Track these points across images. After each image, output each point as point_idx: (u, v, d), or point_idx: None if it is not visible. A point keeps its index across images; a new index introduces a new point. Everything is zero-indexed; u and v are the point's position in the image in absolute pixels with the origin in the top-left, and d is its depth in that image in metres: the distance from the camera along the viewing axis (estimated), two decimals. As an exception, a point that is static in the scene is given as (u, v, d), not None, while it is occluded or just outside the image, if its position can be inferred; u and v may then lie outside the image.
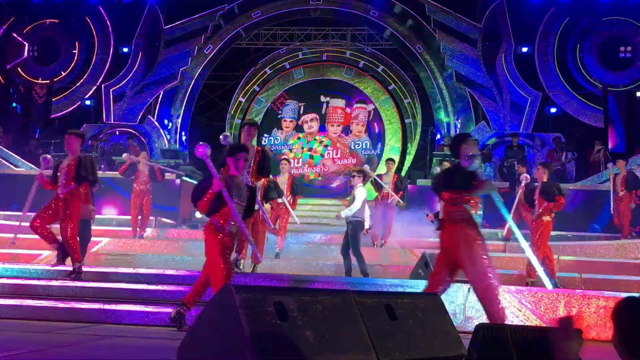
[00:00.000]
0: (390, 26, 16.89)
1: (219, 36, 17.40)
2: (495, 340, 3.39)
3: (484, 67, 16.35)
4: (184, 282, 7.21)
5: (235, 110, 17.95)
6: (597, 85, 15.96)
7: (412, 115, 17.51)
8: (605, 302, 6.38)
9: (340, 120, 17.53)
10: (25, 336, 5.12)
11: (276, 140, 17.60)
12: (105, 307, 6.21)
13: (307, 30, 17.88)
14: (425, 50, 16.75)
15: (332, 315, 2.79)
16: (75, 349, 4.56)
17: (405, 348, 3.02)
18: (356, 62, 18.01)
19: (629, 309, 2.09)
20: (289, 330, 2.55)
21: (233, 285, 2.52)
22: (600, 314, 6.29)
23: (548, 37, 16.24)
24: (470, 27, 16.56)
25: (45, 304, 6.31)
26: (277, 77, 18.17)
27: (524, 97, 15.99)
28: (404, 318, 3.12)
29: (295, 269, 8.85)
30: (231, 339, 2.44)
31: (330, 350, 2.68)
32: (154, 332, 5.64)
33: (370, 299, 3.06)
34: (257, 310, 2.47)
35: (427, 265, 6.90)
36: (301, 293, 2.76)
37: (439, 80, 16.68)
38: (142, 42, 17.34)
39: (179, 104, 17.32)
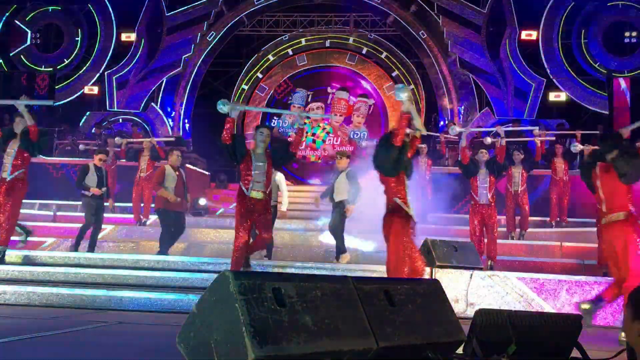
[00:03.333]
0: (394, 12, 16.80)
1: (221, 23, 17.35)
2: (494, 325, 3.40)
3: (487, 53, 16.26)
4: (186, 268, 7.26)
5: (238, 98, 17.92)
6: (602, 71, 15.86)
7: (416, 102, 17.44)
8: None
9: (343, 111, 17.74)
10: (30, 322, 5.17)
11: (284, 123, 17.81)
12: (109, 293, 6.26)
13: (310, 16, 17.79)
14: (428, 36, 16.67)
15: (331, 300, 2.79)
16: (79, 334, 4.60)
17: (404, 333, 3.03)
18: (359, 49, 17.94)
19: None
20: (288, 315, 2.56)
21: (231, 271, 2.53)
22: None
23: (552, 22, 16.12)
24: (474, 12, 16.45)
25: (50, 290, 6.36)
26: (280, 64, 18.13)
27: (528, 83, 15.91)
28: (403, 304, 3.13)
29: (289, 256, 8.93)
30: (229, 324, 2.45)
31: (330, 335, 2.69)
32: (157, 318, 5.68)
33: (369, 284, 3.06)
34: (255, 296, 2.48)
35: (429, 251, 6.89)
36: (300, 279, 2.76)
37: (443, 66, 16.62)
38: (145, 29, 17.31)
39: (182, 91, 17.32)
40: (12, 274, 6.96)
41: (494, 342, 3.36)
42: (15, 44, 17.73)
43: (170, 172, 8.51)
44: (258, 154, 6.47)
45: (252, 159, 6.40)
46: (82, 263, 7.32)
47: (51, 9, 17.84)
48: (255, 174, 6.35)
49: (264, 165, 6.42)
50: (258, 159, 6.42)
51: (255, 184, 6.35)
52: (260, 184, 6.37)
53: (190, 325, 2.63)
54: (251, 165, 6.36)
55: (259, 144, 6.53)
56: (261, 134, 6.55)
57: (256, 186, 6.35)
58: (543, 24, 16.12)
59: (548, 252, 9.34)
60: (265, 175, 6.42)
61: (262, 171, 6.39)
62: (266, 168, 6.44)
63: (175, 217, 8.43)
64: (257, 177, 6.36)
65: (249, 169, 6.35)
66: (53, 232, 10.09)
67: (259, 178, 6.37)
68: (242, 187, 6.39)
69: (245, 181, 6.38)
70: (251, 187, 6.34)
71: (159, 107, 17.04)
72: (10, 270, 7.02)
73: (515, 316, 3.48)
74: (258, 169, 6.37)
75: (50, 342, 4.19)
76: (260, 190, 6.37)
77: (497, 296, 6.45)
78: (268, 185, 6.46)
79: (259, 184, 6.36)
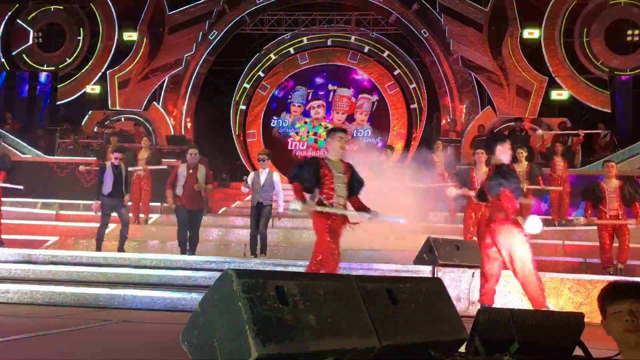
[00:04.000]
0: (396, 11, 16.79)
1: (223, 22, 17.35)
2: (496, 324, 3.41)
3: (489, 51, 16.24)
4: (189, 267, 7.27)
5: (240, 97, 17.93)
6: (604, 70, 15.83)
7: (418, 101, 17.45)
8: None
9: (345, 109, 17.65)
10: (33, 321, 5.18)
11: (284, 123, 17.72)
12: (112, 292, 6.27)
13: (311, 15, 17.78)
14: (430, 34, 16.65)
15: (334, 299, 2.80)
16: (82, 333, 4.61)
17: (407, 332, 3.03)
18: (361, 48, 17.93)
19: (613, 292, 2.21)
20: (291, 314, 2.57)
21: (234, 269, 2.53)
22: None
23: (554, 20, 16.09)
24: (476, 11, 16.44)
25: (54, 289, 6.37)
26: (282, 63, 18.12)
27: (530, 81, 15.90)
28: (405, 302, 3.14)
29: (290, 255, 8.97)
30: (233, 323, 2.46)
31: (332, 333, 2.69)
32: (160, 316, 5.69)
33: (371, 283, 3.07)
34: (258, 295, 2.49)
35: (432, 250, 6.90)
36: (303, 277, 2.77)
37: (445, 65, 16.60)
38: (147, 28, 17.32)
39: (184, 90, 17.33)
40: (15, 272, 6.98)
41: (497, 340, 3.36)
42: (18, 44, 17.75)
43: (182, 171, 8.54)
44: (335, 162, 5.47)
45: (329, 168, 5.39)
46: (84, 262, 7.34)
47: (53, 8, 17.86)
48: (337, 187, 5.38)
49: (343, 176, 5.45)
50: (336, 168, 5.43)
51: (338, 198, 5.38)
52: (343, 198, 5.42)
53: (194, 323, 2.64)
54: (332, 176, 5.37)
55: (337, 151, 5.47)
56: (340, 139, 5.45)
57: (340, 200, 5.39)
58: (545, 22, 16.10)
59: (550, 251, 9.33)
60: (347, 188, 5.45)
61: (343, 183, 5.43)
62: (347, 180, 5.46)
63: (189, 215, 8.43)
64: (339, 191, 5.39)
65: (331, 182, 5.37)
66: (55, 231, 10.11)
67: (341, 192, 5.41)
68: (325, 202, 5.37)
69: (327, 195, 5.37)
70: (335, 202, 5.34)
71: (160, 106, 17.06)
72: (13, 269, 7.04)
73: (518, 315, 3.48)
74: (339, 180, 5.41)
75: (54, 341, 4.21)
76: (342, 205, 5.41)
77: (499, 295, 6.42)
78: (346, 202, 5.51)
79: (342, 198, 5.41)
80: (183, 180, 8.45)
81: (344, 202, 5.43)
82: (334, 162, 5.43)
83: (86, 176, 12.68)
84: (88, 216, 11.04)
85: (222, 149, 17.56)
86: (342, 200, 5.39)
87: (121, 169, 8.77)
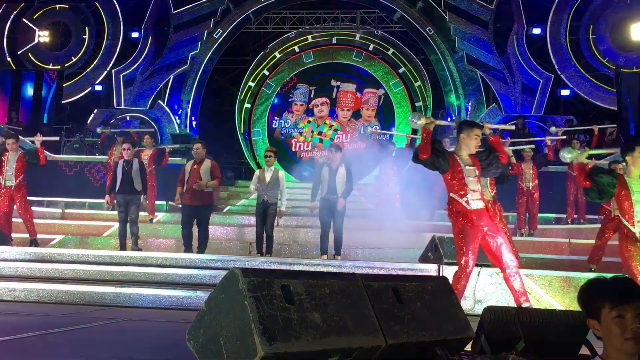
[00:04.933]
0: (401, 8, 16.75)
1: (228, 20, 17.36)
2: (503, 322, 3.40)
3: (495, 49, 16.19)
4: (194, 265, 7.29)
5: (245, 95, 17.94)
6: (610, 67, 15.76)
7: (423, 99, 17.41)
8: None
9: (351, 105, 17.46)
10: (40, 319, 5.20)
11: (286, 123, 17.59)
12: (118, 290, 6.29)
13: (316, 13, 17.77)
14: (435, 32, 16.61)
15: (340, 298, 2.80)
16: (89, 331, 4.63)
17: (412, 331, 3.03)
18: (366, 45, 17.89)
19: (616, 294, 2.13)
20: (297, 313, 2.57)
21: (240, 268, 2.54)
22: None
23: (560, 18, 16.02)
24: (481, 8, 16.38)
25: (60, 287, 6.40)
26: (287, 61, 18.11)
27: (535, 79, 15.84)
28: (411, 301, 3.14)
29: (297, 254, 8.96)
30: (239, 322, 2.46)
31: (338, 332, 2.70)
32: (165, 315, 5.71)
33: (377, 282, 3.07)
34: (264, 294, 2.49)
35: (437, 248, 6.90)
36: (308, 276, 2.77)
37: (450, 63, 16.56)
38: (152, 27, 17.35)
39: (189, 88, 17.34)
40: (21, 271, 7.01)
41: (503, 339, 3.36)
42: (23, 43, 17.80)
43: (188, 167, 8.53)
44: (464, 157, 5.29)
45: (459, 163, 5.24)
46: (90, 260, 7.36)
47: (59, 7, 17.90)
48: (469, 180, 5.20)
49: (474, 169, 5.25)
50: (466, 162, 5.27)
51: (472, 193, 5.18)
52: (477, 193, 5.20)
53: (200, 322, 2.64)
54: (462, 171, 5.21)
55: (467, 144, 5.29)
56: (471, 131, 5.28)
57: (474, 195, 5.18)
58: (551, 19, 16.02)
59: (557, 249, 9.31)
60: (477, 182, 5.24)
61: (475, 176, 5.23)
62: (477, 173, 5.26)
63: (191, 211, 8.35)
64: (472, 185, 5.20)
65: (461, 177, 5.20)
66: (61, 229, 10.14)
67: (474, 186, 5.21)
68: (459, 201, 5.18)
69: (460, 193, 5.20)
70: (470, 198, 5.16)
71: (166, 104, 17.08)
72: (20, 268, 7.08)
73: (524, 313, 3.48)
74: (470, 174, 5.22)
75: (61, 339, 4.22)
76: (478, 199, 5.19)
77: (505, 293, 6.41)
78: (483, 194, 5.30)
79: (476, 193, 5.20)
80: (188, 176, 8.43)
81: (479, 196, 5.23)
82: (464, 159, 5.29)
83: (95, 175, 12.76)
84: (94, 214, 11.10)
85: (228, 148, 17.59)
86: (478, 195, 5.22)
87: (132, 163, 8.64)
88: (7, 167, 8.75)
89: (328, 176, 8.24)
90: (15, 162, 8.78)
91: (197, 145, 8.64)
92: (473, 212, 5.12)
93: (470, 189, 5.17)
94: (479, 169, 5.29)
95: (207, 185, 8.38)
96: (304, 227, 10.24)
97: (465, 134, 5.27)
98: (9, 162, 8.78)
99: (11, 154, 8.83)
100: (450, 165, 5.20)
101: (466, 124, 5.44)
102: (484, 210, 5.19)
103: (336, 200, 8.15)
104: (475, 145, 5.28)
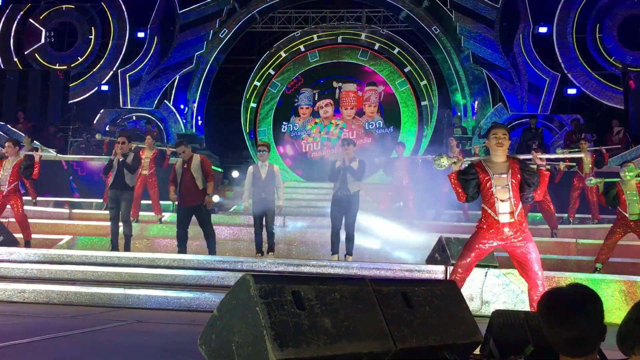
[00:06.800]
0: (406, 7, 16.74)
1: (233, 20, 17.39)
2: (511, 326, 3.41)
3: (501, 48, 16.17)
4: (202, 266, 7.32)
5: (250, 95, 17.97)
6: (617, 66, 15.71)
7: (429, 98, 17.40)
8: (624, 285, 6.38)
9: (353, 103, 17.59)
10: (49, 321, 5.24)
11: (294, 127, 17.70)
12: (127, 291, 6.33)
13: (321, 12, 17.78)
14: (441, 31, 16.60)
15: (350, 303, 2.82)
16: (99, 334, 4.66)
17: (422, 335, 3.05)
18: (372, 45, 17.90)
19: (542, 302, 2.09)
20: (308, 318, 2.59)
21: (252, 274, 2.56)
22: (619, 297, 6.29)
23: (567, 16, 15.99)
24: (487, 7, 16.36)
25: (69, 288, 6.44)
26: (292, 60, 18.14)
27: (542, 78, 15.81)
28: (420, 305, 3.15)
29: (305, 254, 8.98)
30: (251, 327, 2.48)
31: (348, 337, 2.72)
32: (173, 316, 5.74)
33: (387, 286, 3.09)
34: (275, 300, 2.51)
35: (444, 249, 6.91)
36: (319, 282, 2.79)
37: (456, 62, 16.54)
38: (158, 27, 17.40)
39: (195, 88, 17.39)
40: (31, 272, 7.06)
41: (511, 343, 3.37)
42: (30, 43, 17.89)
43: (178, 167, 8.31)
44: (494, 164, 4.91)
45: (487, 171, 4.86)
46: (99, 262, 7.40)
47: (65, 7, 17.98)
48: (497, 189, 4.82)
49: (506, 178, 4.82)
50: (496, 170, 4.88)
51: (501, 204, 4.80)
52: (507, 203, 4.80)
53: (212, 327, 2.67)
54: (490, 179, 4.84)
55: (490, 147, 4.93)
56: (495, 136, 4.86)
57: (503, 207, 4.80)
58: (557, 18, 15.98)
59: (563, 250, 9.30)
60: (510, 190, 4.80)
61: (505, 185, 4.81)
62: (510, 182, 4.81)
63: (185, 212, 8.19)
64: (500, 195, 4.82)
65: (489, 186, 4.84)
66: (68, 229, 10.20)
67: (503, 195, 4.81)
68: (488, 211, 4.85)
69: (489, 203, 4.85)
70: (499, 210, 4.80)
71: (172, 104, 17.14)
72: (30, 269, 7.12)
73: (532, 317, 3.48)
74: (500, 183, 4.83)
75: (71, 342, 4.25)
76: (506, 213, 4.80)
77: (512, 294, 6.43)
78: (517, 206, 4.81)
79: (506, 203, 4.80)
80: (180, 177, 8.20)
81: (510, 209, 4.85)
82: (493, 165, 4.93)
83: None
84: (101, 215, 11.14)
85: (233, 147, 17.64)
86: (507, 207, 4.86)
87: (125, 157, 8.43)
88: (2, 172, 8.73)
89: (341, 171, 8.02)
90: (12, 168, 8.76)
91: (179, 148, 8.29)
92: (499, 224, 4.80)
93: (499, 199, 4.81)
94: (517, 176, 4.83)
95: (211, 198, 8.17)
96: (311, 227, 10.26)
97: (488, 138, 4.95)
98: (4, 167, 8.76)
99: (8, 160, 8.83)
100: (480, 178, 4.87)
101: (488, 129, 5.11)
102: (513, 223, 4.79)
103: (349, 197, 7.99)
104: (495, 144, 4.84)
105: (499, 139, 4.86)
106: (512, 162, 4.89)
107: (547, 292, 2.16)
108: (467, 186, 4.91)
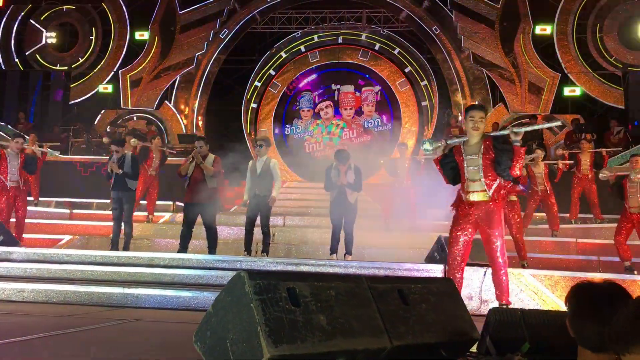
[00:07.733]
0: (407, 8, 16.75)
1: (234, 20, 17.41)
2: (508, 323, 3.41)
3: (501, 48, 16.16)
4: (201, 266, 7.31)
5: (251, 95, 17.98)
6: (617, 65, 15.70)
7: (429, 98, 17.40)
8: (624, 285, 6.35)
9: (352, 104, 17.69)
10: (48, 320, 5.24)
11: (297, 129, 17.76)
12: (126, 290, 6.32)
13: (322, 13, 17.79)
14: (442, 31, 16.60)
15: (345, 300, 2.82)
16: (97, 332, 4.66)
17: (418, 332, 3.04)
18: (372, 45, 17.90)
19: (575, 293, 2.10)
20: (302, 315, 2.59)
21: (246, 271, 2.56)
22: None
23: (567, 16, 15.98)
24: (487, 7, 16.36)
25: (68, 288, 6.44)
26: (293, 61, 18.14)
27: (542, 78, 15.80)
28: (416, 303, 3.15)
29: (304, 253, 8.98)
30: (245, 324, 2.48)
31: (344, 334, 2.71)
32: (172, 315, 5.73)
33: (383, 284, 3.08)
34: (270, 296, 2.51)
35: (443, 248, 6.90)
36: (314, 279, 2.79)
37: (456, 62, 16.54)
38: (158, 28, 17.41)
39: (195, 88, 17.41)
40: (30, 272, 7.06)
41: (508, 340, 3.37)
42: (31, 44, 17.92)
43: (189, 163, 8.26)
44: (469, 146, 5.03)
45: (462, 154, 5.01)
46: (98, 261, 7.41)
47: (65, 8, 18.01)
48: (468, 170, 4.99)
49: (476, 158, 4.95)
50: (469, 151, 5.02)
51: (471, 184, 4.97)
52: (478, 183, 4.93)
53: (207, 324, 2.67)
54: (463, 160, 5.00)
55: (467, 130, 5.05)
56: (472, 119, 4.96)
57: (473, 186, 4.95)
58: (557, 18, 15.98)
59: (563, 249, 9.28)
60: (481, 170, 4.92)
61: (476, 166, 4.94)
62: (481, 162, 4.91)
63: (191, 209, 8.13)
64: (471, 175, 4.98)
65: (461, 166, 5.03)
66: (69, 230, 10.21)
67: (474, 176, 4.97)
68: (460, 192, 5.08)
69: (461, 184, 5.06)
70: (468, 189, 4.98)
71: (172, 104, 17.15)
72: (29, 268, 7.13)
73: (529, 314, 3.48)
74: (471, 163, 4.97)
75: (69, 340, 4.26)
76: (478, 191, 4.94)
77: (510, 293, 6.41)
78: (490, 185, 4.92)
79: (476, 183, 4.94)
80: (191, 173, 8.12)
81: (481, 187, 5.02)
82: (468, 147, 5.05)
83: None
84: (101, 215, 11.15)
85: (234, 147, 17.62)
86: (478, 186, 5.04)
87: (124, 157, 8.42)
88: (10, 167, 8.80)
89: (339, 178, 8.15)
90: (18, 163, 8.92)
91: (199, 142, 8.28)
92: (467, 204, 4.94)
93: (469, 179, 4.93)
94: (490, 154, 4.88)
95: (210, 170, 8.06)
96: (311, 226, 10.26)
97: (465, 119, 5.05)
98: (10, 163, 8.83)
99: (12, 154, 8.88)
100: (458, 161, 5.00)
101: (465, 109, 5.21)
102: (485, 202, 4.89)
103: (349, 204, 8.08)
104: (472, 127, 4.91)
105: (476, 122, 4.93)
106: (484, 141, 4.95)
107: (580, 286, 2.18)
108: (446, 170, 5.05)
